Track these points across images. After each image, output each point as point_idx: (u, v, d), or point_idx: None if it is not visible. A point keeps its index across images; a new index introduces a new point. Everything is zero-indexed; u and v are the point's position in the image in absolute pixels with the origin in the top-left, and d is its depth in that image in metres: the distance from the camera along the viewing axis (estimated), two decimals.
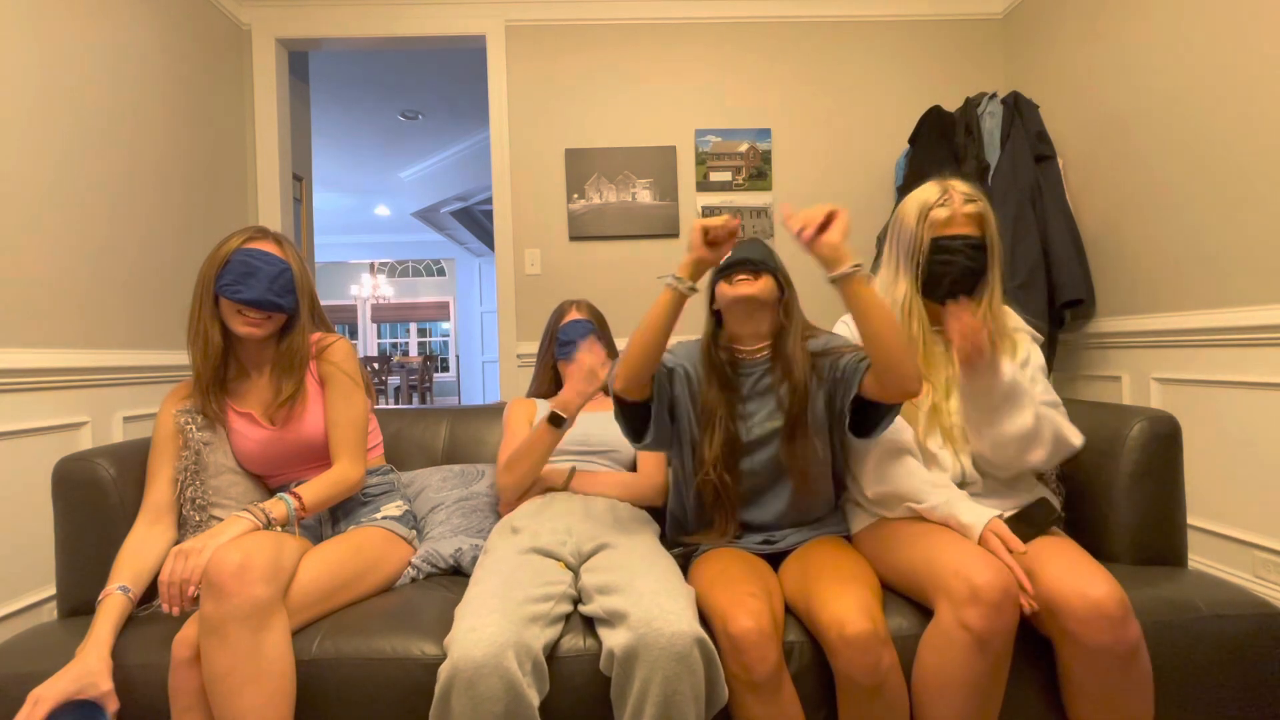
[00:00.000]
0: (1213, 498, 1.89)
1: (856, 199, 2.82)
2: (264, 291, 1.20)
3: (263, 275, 1.20)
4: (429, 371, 8.02)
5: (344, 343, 1.34)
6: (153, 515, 1.19)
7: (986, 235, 1.17)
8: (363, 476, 1.29)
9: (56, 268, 1.76)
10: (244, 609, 0.92)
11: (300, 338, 1.28)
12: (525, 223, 2.79)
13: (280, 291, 1.22)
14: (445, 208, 6.28)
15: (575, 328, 1.55)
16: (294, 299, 1.26)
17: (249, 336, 1.22)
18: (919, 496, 1.13)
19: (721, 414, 1.21)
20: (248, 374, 1.30)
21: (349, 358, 1.32)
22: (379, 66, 3.71)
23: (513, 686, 0.88)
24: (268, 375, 1.29)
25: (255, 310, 1.21)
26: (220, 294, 1.20)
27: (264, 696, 0.92)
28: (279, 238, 1.29)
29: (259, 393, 1.29)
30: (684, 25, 2.80)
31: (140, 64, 2.11)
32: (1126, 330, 2.19)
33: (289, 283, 1.24)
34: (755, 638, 0.94)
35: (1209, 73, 1.88)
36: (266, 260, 1.22)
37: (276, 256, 1.24)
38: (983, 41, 2.86)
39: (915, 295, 1.21)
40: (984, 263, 1.18)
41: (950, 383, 1.22)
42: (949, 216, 1.16)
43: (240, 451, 1.29)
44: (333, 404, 1.29)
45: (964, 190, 1.18)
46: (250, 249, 1.22)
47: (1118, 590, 0.94)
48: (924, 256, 1.18)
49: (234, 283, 1.19)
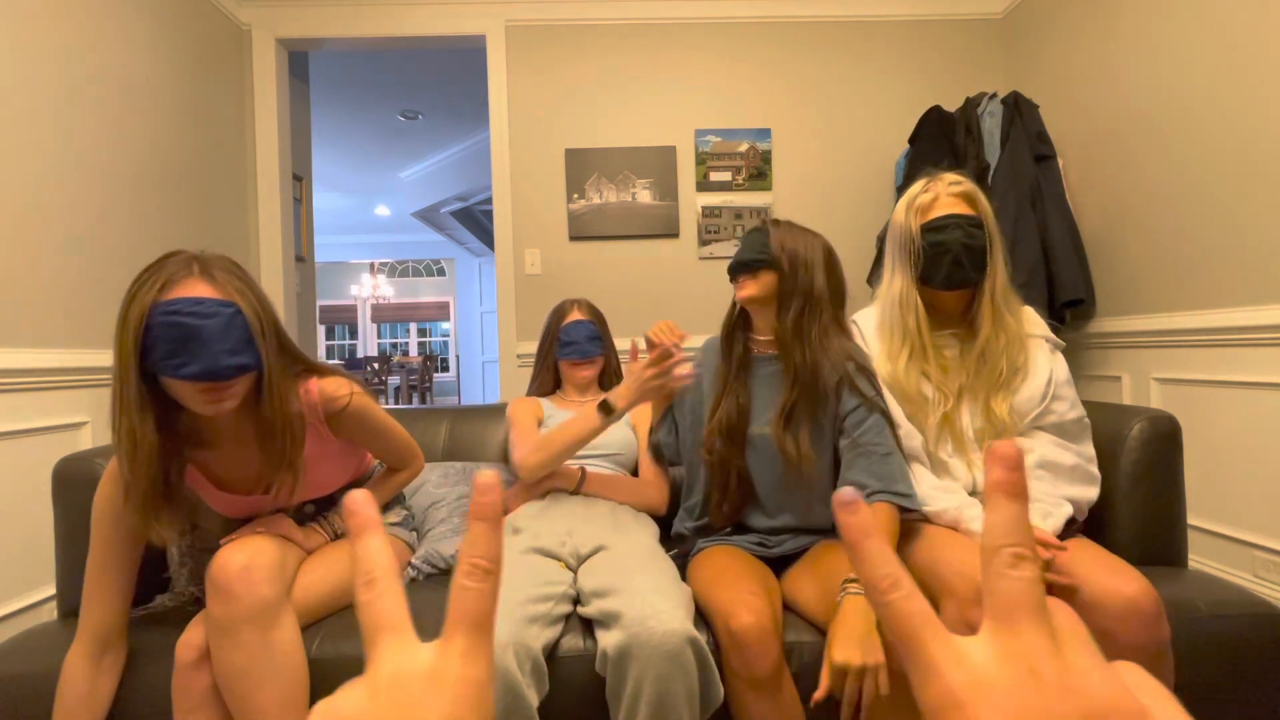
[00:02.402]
0: (1213, 498, 1.89)
1: (856, 199, 2.82)
2: (215, 358, 0.87)
3: (206, 334, 0.86)
4: (429, 371, 8.02)
5: (359, 397, 1.08)
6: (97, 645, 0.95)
7: (979, 212, 1.17)
8: (423, 465, 1.30)
9: (57, 267, 1.76)
10: (253, 609, 0.92)
11: (277, 399, 0.96)
12: (525, 223, 2.78)
13: (237, 347, 0.89)
14: (445, 208, 6.28)
15: (578, 328, 1.55)
16: (256, 351, 0.92)
17: (219, 413, 0.92)
18: (927, 500, 1.13)
19: (729, 392, 1.24)
20: (225, 448, 1.02)
21: (366, 408, 1.11)
22: (379, 66, 3.71)
23: (512, 687, 0.88)
24: (254, 449, 1.00)
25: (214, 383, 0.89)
26: (158, 374, 0.87)
27: (282, 691, 0.93)
28: (206, 265, 0.91)
29: (245, 469, 1.04)
30: (684, 25, 2.80)
31: (139, 64, 2.11)
32: (1126, 330, 2.19)
33: (243, 331, 0.90)
34: (757, 634, 0.94)
35: (1209, 73, 1.88)
36: (203, 312, 0.87)
37: (213, 300, 0.88)
38: (983, 41, 2.86)
39: (911, 288, 1.20)
40: (982, 240, 1.15)
41: (963, 391, 1.20)
42: (934, 198, 1.18)
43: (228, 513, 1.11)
44: (379, 449, 1.21)
45: (949, 176, 1.19)
46: (172, 301, 0.86)
47: (1152, 588, 0.94)
48: (917, 245, 1.17)
49: (170, 355, 0.85)
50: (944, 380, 1.20)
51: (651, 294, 2.79)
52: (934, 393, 1.19)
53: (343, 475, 1.21)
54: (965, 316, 1.25)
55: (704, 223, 2.80)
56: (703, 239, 2.80)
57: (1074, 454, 1.18)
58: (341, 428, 1.09)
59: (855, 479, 1.12)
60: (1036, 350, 1.21)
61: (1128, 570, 0.97)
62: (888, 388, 1.21)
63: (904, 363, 1.20)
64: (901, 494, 1.10)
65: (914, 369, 1.20)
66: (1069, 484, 1.16)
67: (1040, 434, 1.19)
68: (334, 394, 1.05)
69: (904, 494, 1.10)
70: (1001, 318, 1.18)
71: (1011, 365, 1.18)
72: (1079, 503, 1.16)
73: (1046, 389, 1.18)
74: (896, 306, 1.21)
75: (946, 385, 1.20)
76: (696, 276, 2.79)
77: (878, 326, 1.26)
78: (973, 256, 1.15)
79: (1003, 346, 1.18)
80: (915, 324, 1.20)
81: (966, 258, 1.15)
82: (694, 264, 2.80)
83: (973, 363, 1.21)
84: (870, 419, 1.14)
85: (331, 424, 1.08)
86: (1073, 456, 1.17)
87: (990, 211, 1.18)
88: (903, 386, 1.20)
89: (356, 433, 1.13)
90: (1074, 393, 1.21)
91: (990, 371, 1.19)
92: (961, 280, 1.16)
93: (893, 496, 1.09)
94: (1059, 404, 1.18)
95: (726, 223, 2.80)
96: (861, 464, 1.13)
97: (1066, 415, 1.18)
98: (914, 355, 1.20)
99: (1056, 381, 1.19)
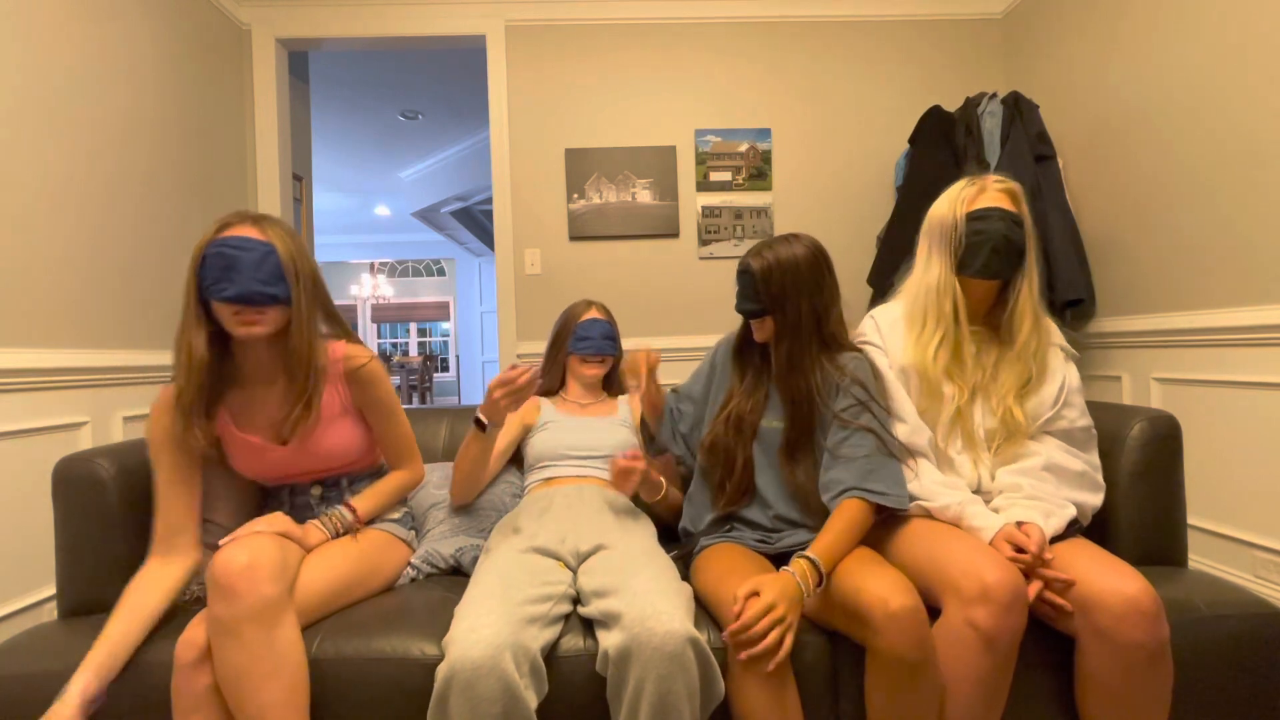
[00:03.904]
0: (1213, 498, 1.89)
1: (856, 199, 2.82)
2: (248, 283, 1.03)
3: (244, 264, 1.03)
4: (429, 371, 8.02)
5: (375, 364, 1.23)
6: (165, 547, 1.10)
7: (1021, 212, 1.19)
8: (424, 474, 1.33)
9: (57, 267, 1.76)
10: (255, 608, 0.92)
11: (304, 335, 1.11)
12: (525, 223, 2.78)
13: (268, 279, 1.05)
14: (445, 208, 6.28)
15: (594, 325, 1.56)
16: (286, 287, 1.08)
17: (248, 336, 1.07)
18: (930, 495, 1.13)
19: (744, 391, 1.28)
20: (254, 389, 1.16)
21: (382, 379, 1.24)
22: (379, 66, 3.70)
23: (510, 688, 0.88)
24: (280, 387, 1.15)
25: (245, 306, 1.05)
26: (207, 297, 1.06)
27: (284, 691, 0.92)
28: (260, 218, 1.11)
29: (267, 410, 1.16)
30: (684, 25, 2.80)
31: (139, 64, 2.11)
32: (1126, 330, 2.19)
33: (276, 268, 1.06)
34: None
35: (1209, 73, 1.88)
36: (245, 246, 1.05)
37: (255, 239, 1.06)
38: (983, 41, 2.86)
39: (950, 274, 1.20)
40: (1022, 237, 1.18)
41: (977, 389, 1.21)
42: (980, 190, 1.20)
43: (241, 468, 1.20)
44: (382, 430, 1.27)
45: (995, 175, 1.22)
46: (224, 238, 1.05)
47: (1151, 588, 0.94)
48: (960, 232, 1.18)
49: (216, 281, 1.03)
50: (962, 376, 1.21)
51: (651, 294, 2.79)
52: (951, 387, 1.20)
53: (352, 449, 1.24)
54: (989, 316, 1.25)
55: (704, 223, 2.80)
56: (703, 239, 2.80)
57: (1081, 461, 1.18)
58: (356, 387, 1.22)
59: (831, 476, 1.15)
60: (1053, 358, 1.23)
61: (1127, 570, 0.97)
62: (915, 374, 1.21)
63: (934, 349, 1.20)
64: (876, 491, 1.10)
65: (944, 355, 1.20)
66: (1075, 489, 1.16)
67: (1049, 438, 1.20)
68: (355, 354, 1.21)
69: (880, 492, 1.10)
70: (1040, 320, 1.21)
71: (1041, 370, 1.20)
72: (1083, 508, 1.16)
73: (1059, 395, 1.19)
74: (933, 293, 1.21)
75: (964, 381, 1.20)
76: (696, 276, 2.79)
77: (907, 316, 1.26)
78: (1010, 250, 1.17)
79: (1034, 350, 1.20)
80: (952, 309, 1.20)
81: (1005, 249, 1.16)
82: (694, 264, 2.80)
83: (991, 361, 1.22)
84: (853, 436, 1.15)
85: (349, 381, 1.21)
86: (1080, 463, 1.18)
87: (1029, 217, 1.20)
88: (929, 374, 1.20)
89: (368, 400, 1.23)
90: (1083, 402, 1.22)
91: (1021, 372, 1.20)
92: (997, 270, 1.17)
93: (864, 493, 1.10)
94: (1069, 410, 1.19)
95: (726, 222, 2.80)
96: (840, 465, 1.15)
97: (1076, 423, 1.19)
98: (945, 341, 1.20)
99: (1069, 389, 1.20)
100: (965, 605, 0.95)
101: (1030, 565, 1.00)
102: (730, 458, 1.25)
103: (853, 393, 1.17)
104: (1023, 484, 1.13)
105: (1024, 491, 1.12)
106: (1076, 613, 0.98)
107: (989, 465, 1.19)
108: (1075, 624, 0.99)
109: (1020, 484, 1.13)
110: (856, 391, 1.17)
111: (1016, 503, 1.10)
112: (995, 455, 1.19)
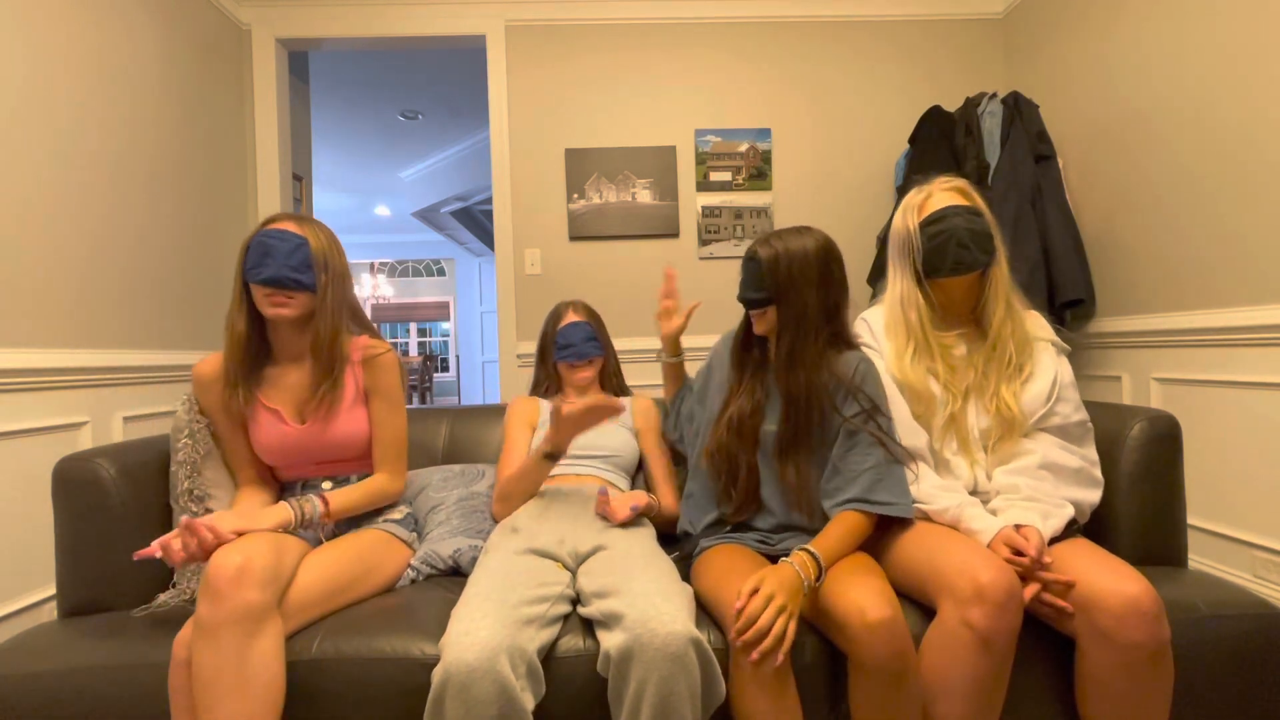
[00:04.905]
0: (1213, 498, 1.89)
1: (856, 199, 2.82)
2: (280, 268, 1.17)
3: (278, 252, 1.18)
4: (429, 371, 8.01)
5: (393, 355, 1.32)
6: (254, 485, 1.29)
7: (975, 204, 1.21)
8: (401, 490, 1.33)
9: (57, 268, 1.76)
10: (237, 613, 0.91)
11: (328, 322, 1.24)
12: (525, 223, 2.78)
13: (298, 267, 1.19)
14: (445, 208, 6.28)
15: (574, 330, 1.55)
16: (313, 275, 1.21)
17: (276, 317, 1.20)
18: (928, 499, 1.13)
19: (744, 391, 1.26)
20: (283, 366, 1.28)
21: (396, 370, 1.32)
22: (379, 66, 3.71)
23: (506, 690, 0.88)
24: (306, 368, 1.27)
25: (276, 289, 1.18)
26: (247, 280, 1.20)
27: (246, 709, 0.89)
28: (301, 218, 1.26)
29: (292, 388, 1.26)
30: (683, 25, 2.80)
31: (139, 64, 2.11)
32: (1126, 330, 2.19)
33: (306, 258, 1.20)
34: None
35: (1209, 73, 1.88)
36: (282, 238, 1.19)
37: (292, 233, 1.21)
38: (983, 41, 2.86)
39: (912, 286, 1.23)
40: (984, 225, 1.18)
41: (970, 390, 1.21)
42: (927, 196, 1.23)
43: (260, 444, 1.26)
44: (380, 420, 1.30)
45: (941, 177, 1.24)
46: (268, 230, 1.21)
47: (1152, 588, 0.94)
48: (916, 242, 1.20)
49: (254, 265, 1.18)
50: (952, 379, 1.21)
51: (651, 294, 2.79)
52: (942, 391, 1.20)
53: (361, 441, 1.30)
54: (974, 314, 1.26)
55: (704, 223, 2.80)
56: (703, 239, 2.80)
57: (1078, 457, 1.18)
58: (369, 372, 1.30)
59: (835, 485, 1.16)
60: (1043, 353, 1.23)
61: (1127, 570, 0.97)
62: (898, 385, 1.22)
63: (909, 359, 1.22)
64: (881, 502, 1.11)
65: (920, 366, 1.21)
66: (1072, 486, 1.16)
67: (1044, 435, 1.19)
68: (374, 344, 1.31)
69: (885, 502, 1.11)
70: (1011, 303, 1.22)
71: (1021, 353, 1.21)
72: (1081, 505, 1.16)
73: (1052, 390, 1.19)
74: (898, 307, 1.25)
75: (954, 384, 1.21)
76: (697, 276, 2.79)
77: (886, 327, 1.29)
78: (978, 239, 1.17)
79: (1010, 332, 1.21)
80: (918, 319, 1.22)
81: (971, 240, 1.17)
82: (694, 264, 2.80)
83: (981, 359, 1.22)
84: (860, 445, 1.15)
85: (365, 366, 1.30)
86: (1076, 459, 1.18)
87: (984, 204, 1.21)
88: (911, 384, 1.21)
89: (376, 385, 1.30)
90: (1078, 396, 1.22)
91: (1000, 358, 1.20)
92: (970, 263, 1.18)
93: (868, 505, 1.11)
94: (1063, 406, 1.19)
95: (726, 222, 2.80)
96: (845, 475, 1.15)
97: (1070, 418, 1.19)
98: (919, 352, 1.22)
99: (1061, 384, 1.20)
100: (960, 605, 0.95)
101: (1029, 569, 1.00)
102: (734, 465, 1.23)
103: (859, 399, 1.17)
104: (1020, 484, 1.13)
105: (1022, 492, 1.12)
106: (1077, 613, 0.98)
107: (985, 466, 1.19)
108: (1075, 624, 0.99)
109: (1018, 484, 1.13)
110: (863, 399, 1.17)
111: (1014, 504, 1.10)
112: (991, 454, 1.19)
